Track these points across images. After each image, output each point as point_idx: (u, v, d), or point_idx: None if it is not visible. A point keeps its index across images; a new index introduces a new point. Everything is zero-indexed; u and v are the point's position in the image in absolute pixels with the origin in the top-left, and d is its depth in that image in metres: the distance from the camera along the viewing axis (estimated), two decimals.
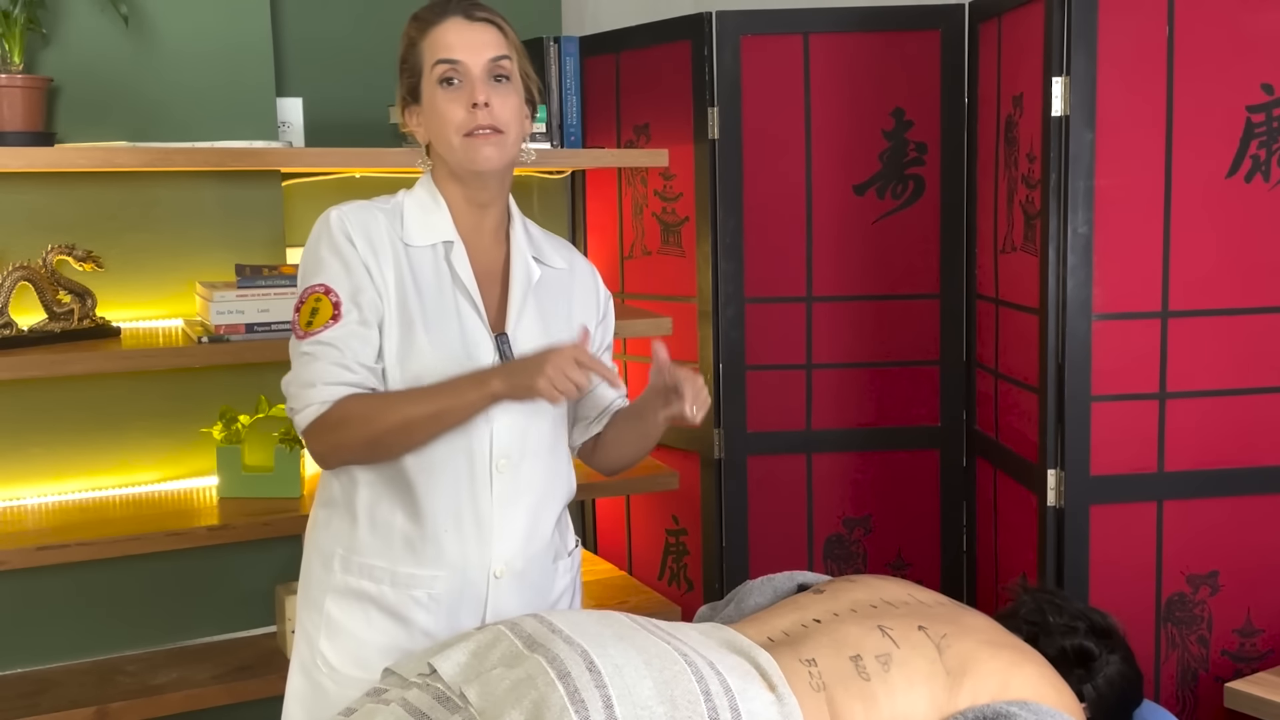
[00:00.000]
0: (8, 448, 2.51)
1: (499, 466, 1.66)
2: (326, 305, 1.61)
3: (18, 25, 2.29)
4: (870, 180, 2.84)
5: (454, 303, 1.66)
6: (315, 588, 1.72)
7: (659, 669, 1.47)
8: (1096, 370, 2.32)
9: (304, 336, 1.61)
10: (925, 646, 1.63)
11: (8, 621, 2.50)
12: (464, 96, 1.62)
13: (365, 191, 2.81)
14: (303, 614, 1.74)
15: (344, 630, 1.68)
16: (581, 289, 1.81)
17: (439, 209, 1.69)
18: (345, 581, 1.68)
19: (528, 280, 1.72)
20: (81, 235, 2.49)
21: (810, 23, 2.80)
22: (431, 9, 1.67)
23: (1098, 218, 2.30)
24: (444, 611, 1.66)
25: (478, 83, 1.62)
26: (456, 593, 1.66)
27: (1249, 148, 2.32)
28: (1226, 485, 2.39)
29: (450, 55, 1.62)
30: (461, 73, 1.62)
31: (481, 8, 1.67)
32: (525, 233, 1.76)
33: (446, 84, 1.63)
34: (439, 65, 1.63)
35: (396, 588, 1.66)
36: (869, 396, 2.90)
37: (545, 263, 1.76)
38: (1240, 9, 2.29)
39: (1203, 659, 2.44)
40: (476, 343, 1.65)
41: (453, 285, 1.67)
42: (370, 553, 1.67)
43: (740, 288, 2.84)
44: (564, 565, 1.80)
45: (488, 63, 1.63)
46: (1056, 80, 2.28)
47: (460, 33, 1.63)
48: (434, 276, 1.66)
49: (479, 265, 1.70)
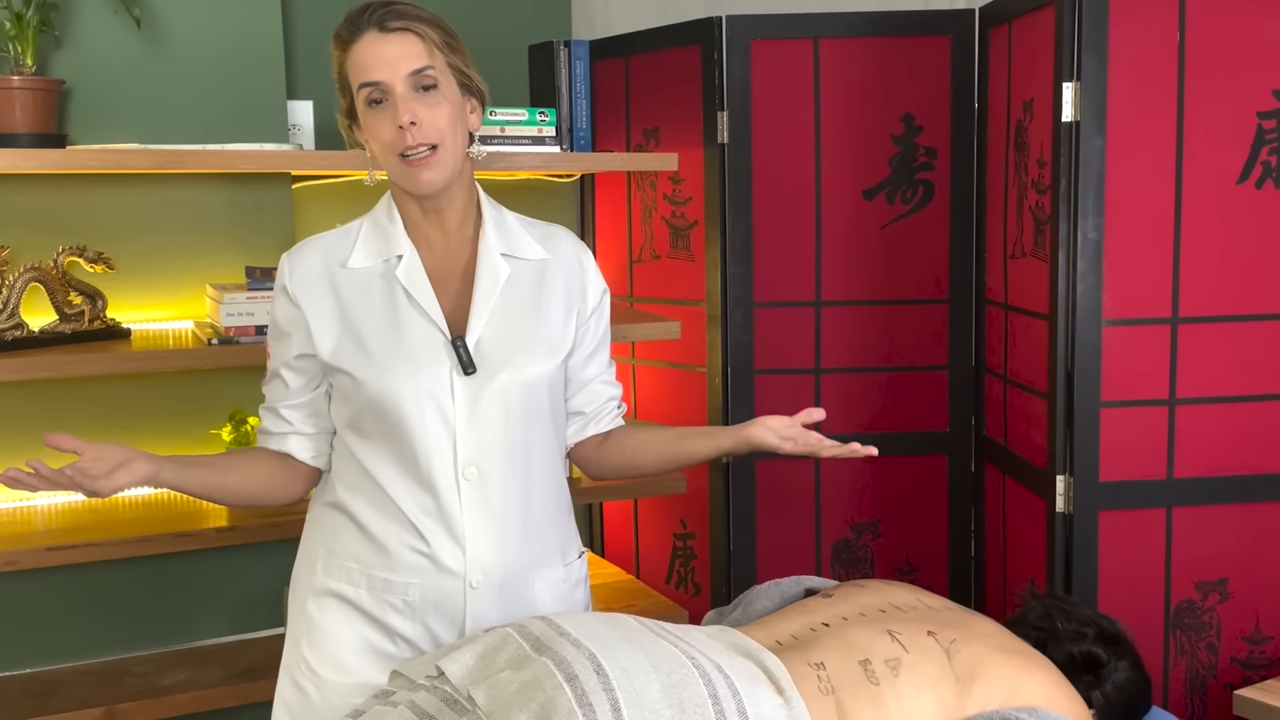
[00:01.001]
0: (18, 448, 2.51)
1: (465, 474, 1.64)
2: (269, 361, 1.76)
3: (30, 27, 2.30)
4: (880, 185, 2.83)
5: (406, 315, 1.65)
6: (300, 589, 1.74)
7: (666, 672, 1.47)
8: (1106, 376, 2.32)
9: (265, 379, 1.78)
10: (934, 651, 1.63)
11: (17, 622, 2.51)
12: (390, 117, 1.60)
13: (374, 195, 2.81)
14: (290, 616, 1.76)
15: (324, 633, 1.68)
16: (564, 276, 1.75)
17: (393, 224, 1.69)
18: (326, 584, 1.69)
19: (494, 280, 1.68)
20: (92, 237, 2.50)
21: (820, 27, 2.80)
22: (348, 24, 1.63)
23: (1108, 223, 2.29)
24: (420, 618, 1.66)
25: (401, 100, 1.59)
26: (432, 600, 1.65)
27: (1260, 154, 2.31)
28: (1236, 492, 2.38)
29: (370, 77, 1.60)
30: (385, 91, 1.60)
31: (396, 13, 1.61)
32: (498, 229, 1.72)
33: (374, 105, 1.61)
34: (363, 89, 1.61)
35: (373, 592, 1.66)
36: (877, 401, 2.89)
37: (518, 256, 1.72)
38: (1251, 15, 2.28)
39: (1211, 666, 2.43)
40: (431, 349, 1.64)
41: (405, 298, 1.65)
42: (348, 556, 1.68)
43: (749, 292, 2.84)
44: (556, 575, 1.74)
45: (408, 76, 1.59)
46: (1067, 86, 2.28)
47: (377, 49, 1.60)
48: (382, 293, 1.66)
49: (442, 270, 1.68)
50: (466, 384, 1.63)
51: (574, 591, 1.78)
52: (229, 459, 1.77)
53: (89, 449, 1.56)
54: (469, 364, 1.63)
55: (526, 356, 1.67)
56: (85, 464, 1.55)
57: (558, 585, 1.75)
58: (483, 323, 1.66)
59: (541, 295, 1.72)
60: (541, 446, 1.71)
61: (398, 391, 1.61)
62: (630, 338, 2.68)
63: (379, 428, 1.64)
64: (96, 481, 1.54)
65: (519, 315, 1.69)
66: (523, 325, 1.69)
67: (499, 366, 1.65)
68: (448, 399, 1.63)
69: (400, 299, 1.65)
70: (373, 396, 1.63)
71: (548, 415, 1.72)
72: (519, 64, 2.95)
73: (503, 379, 1.65)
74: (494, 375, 1.64)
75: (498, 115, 2.65)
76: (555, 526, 1.75)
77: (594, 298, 1.79)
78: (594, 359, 1.81)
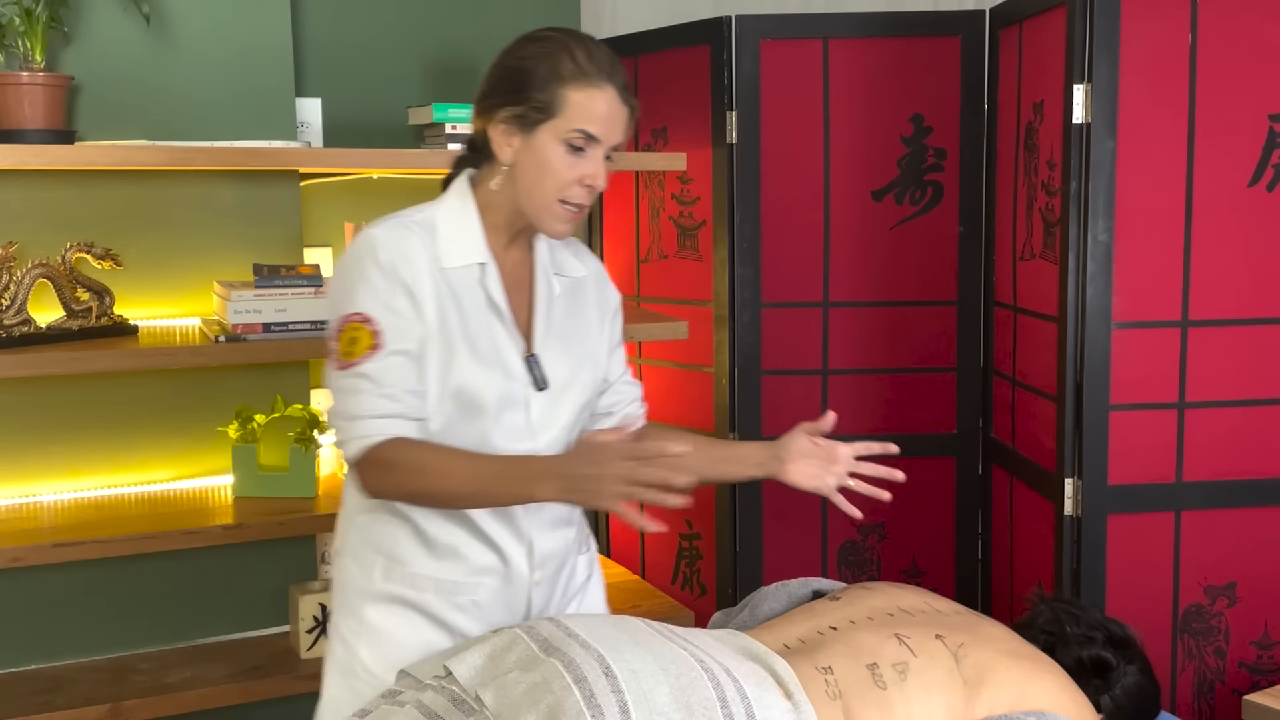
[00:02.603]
0: (25, 445, 2.52)
1: None
2: (365, 335, 1.57)
3: (40, 24, 2.30)
4: (888, 186, 2.83)
5: (489, 324, 1.65)
6: (353, 594, 1.71)
7: (675, 675, 1.47)
8: (1115, 379, 2.31)
9: (344, 368, 1.58)
10: (942, 655, 1.62)
11: (23, 618, 2.51)
12: (584, 170, 1.60)
13: (383, 192, 2.82)
14: (339, 619, 1.72)
15: (386, 637, 1.67)
16: (595, 291, 1.81)
17: (472, 228, 1.66)
18: (387, 589, 1.68)
19: (550, 297, 1.72)
20: (101, 233, 2.49)
21: (830, 28, 2.80)
22: (593, 62, 1.59)
23: (1118, 226, 2.29)
24: (485, 615, 1.68)
25: (600, 163, 1.61)
26: (499, 597, 1.68)
27: (1271, 157, 2.31)
28: (1245, 496, 2.37)
29: (596, 130, 1.59)
30: (594, 146, 1.60)
31: (629, 88, 1.64)
32: (546, 245, 1.75)
33: (573, 149, 1.59)
34: (578, 133, 1.59)
35: (440, 594, 1.67)
36: (885, 403, 2.89)
37: (564, 274, 1.76)
38: (1264, 18, 2.28)
39: (1219, 671, 2.42)
40: (511, 363, 1.65)
41: (487, 307, 1.65)
42: (415, 562, 1.67)
43: (757, 292, 2.84)
44: (585, 560, 1.83)
45: (610, 146, 1.62)
46: (1078, 87, 2.27)
47: (613, 109, 1.60)
48: (470, 298, 1.64)
49: (507, 283, 1.69)
50: (539, 399, 1.67)
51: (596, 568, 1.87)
52: (467, 453, 1.64)
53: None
54: (543, 380, 1.67)
55: (581, 370, 1.73)
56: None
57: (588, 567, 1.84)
58: (545, 340, 1.70)
59: (582, 310, 1.77)
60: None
61: (483, 398, 1.62)
62: (637, 337, 2.68)
63: (453, 432, 1.63)
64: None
65: (570, 330, 1.74)
66: (572, 342, 1.73)
67: (566, 379, 1.70)
68: (523, 410, 1.66)
69: (485, 309, 1.65)
70: (458, 398, 1.62)
71: (588, 420, 1.78)
72: None
73: (567, 392, 1.70)
74: (563, 387, 1.69)
75: None
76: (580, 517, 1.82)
77: (614, 303, 1.84)
78: (614, 359, 1.85)
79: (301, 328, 2.45)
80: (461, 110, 2.61)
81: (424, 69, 2.89)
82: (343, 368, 1.59)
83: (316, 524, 2.52)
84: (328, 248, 2.80)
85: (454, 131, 2.60)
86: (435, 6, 2.88)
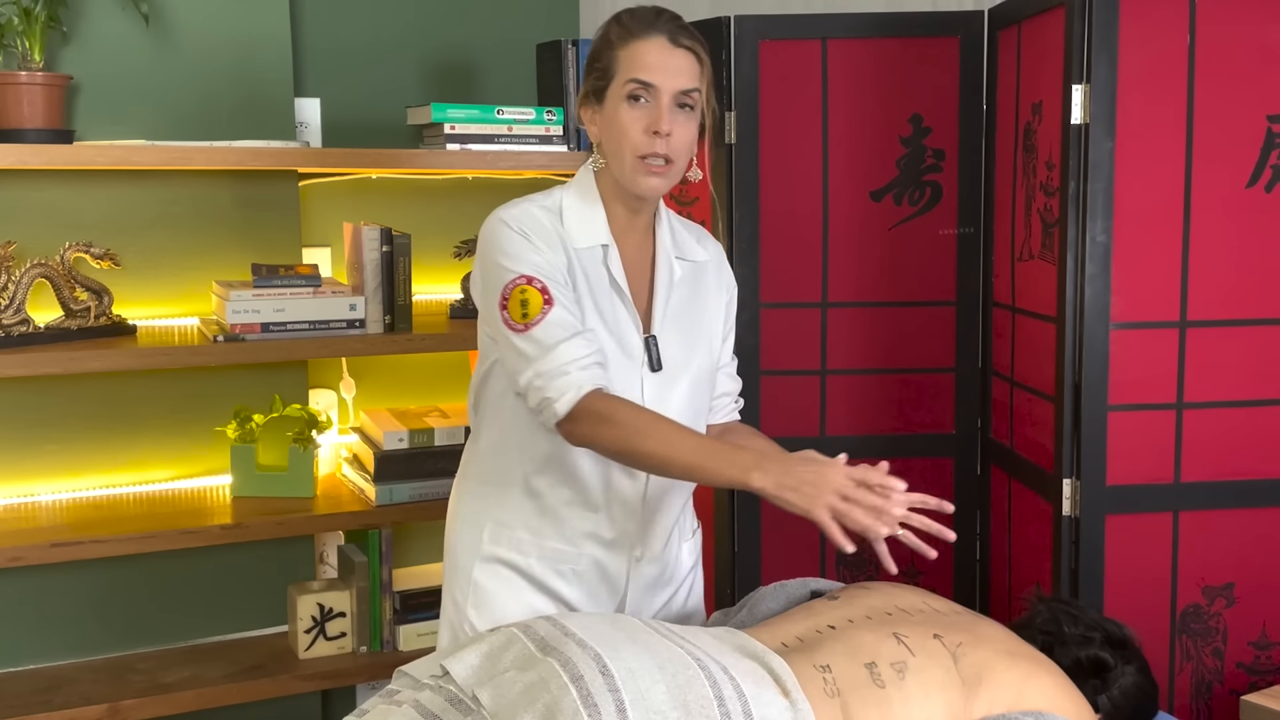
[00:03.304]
0: (23, 444, 2.52)
1: None
2: (534, 294, 1.62)
3: (38, 23, 2.30)
4: (887, 186, 2.83)
5: (611, 304, 1.71)
6: (463, 555, 1.77)
7: (672, 673, 1.47)
8: (1114, 380, 2.31)
9: (526, 329, 1.61)
10: (941, 655, 1.62)
11: (21, 618, 2.51)
12: (648, 119, 1.65)
13: (381, 192, 2.82)
14: (450, 579, 1.80)
15: (492, 599, 1.73)
16: (715, 276, 1.85)
17: (596, 211, 1.73)
18: (494, 552, 1.74)
19: (670, 281, 1.77)
20: (99, 233, 2.50)
21: (829, 28, 2.80)
22: (639, 18, 1.68)
23: (1117, 226, 2.29)
24: (587, 587, 1.73)
25: (664, 110, 1.65)
26: (599, 570, 1.73)
27: (1270, 157, 2.31)
28: (1243, 497, 2.37)
29: (647, 77, 1.64)
30: (652, 95, 1.65)
31: (686, 33, 1.68)
32: (670, 229, 1.80)
33: (634, 100, 1.65)
34: (631, 83, 1.65)
35: (543, 560, 1.72)
36: (884, 403, 2.89)
37: (687, 258, 1.81)
38: (1263, 18, 2.28)
39: (1217, 671, 2.42)
40: (631, 342, 1.71)
41: (610, 287, 1.71)
42: (520, 527, 1.72)
43: (755, 292, 2.84)
44: (689, 547, 1.86)
45: (678, 92, 1.65)
46: (1076, 88, 2.27)
47: (663, 55, 1.65)
48: (597, 277, 1.71)
49: (629, 264, 1.75)
50: (653, 379, 1.72)
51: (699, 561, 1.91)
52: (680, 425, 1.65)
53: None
54: (658, 361, 1.71)
55: (699, 356, 1.77)
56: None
57: (689, 555, 1.89)
58: (664, 322, 1.74)
59: (702, 295, 1.81)
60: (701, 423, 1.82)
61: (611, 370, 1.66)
62: None
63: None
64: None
65: (689, 314, 1.78)
66: (692, 324, 1.78)
67: (680, 366, 1.74)
68: (638, 391, 1.70)
69: (609, 289, 1.71)
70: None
71: (706, 406, 1.83)
72: (526, 63, 2.94)
73: (682, 374, 1.74)
74: (678, 374, 1.74)
75: (505, 114, 2.65)
76: (690, 503, 1.87)
77: (731, 289, 1.90)
78: (725, 346, 1.90)
79: (300, 328, 2.45)
80: (460, 110, 2.61)
81: (423, 69, 2.89)
82: (527, 329, 1.61)
83: (315, 524, 2.52)
84: (326, 248, 2.80)
85: (452, 132, 2.60)
86: (434, 7, 2.89)
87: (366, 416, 2.72)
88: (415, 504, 2.57)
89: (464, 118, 2.61)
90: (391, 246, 2.55)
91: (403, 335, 2.56)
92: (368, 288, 2.54)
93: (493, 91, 2.93)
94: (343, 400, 2.83)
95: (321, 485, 2.67)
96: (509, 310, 1.62)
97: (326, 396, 2.81)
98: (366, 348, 2.51)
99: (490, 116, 2.63)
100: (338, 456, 2.82)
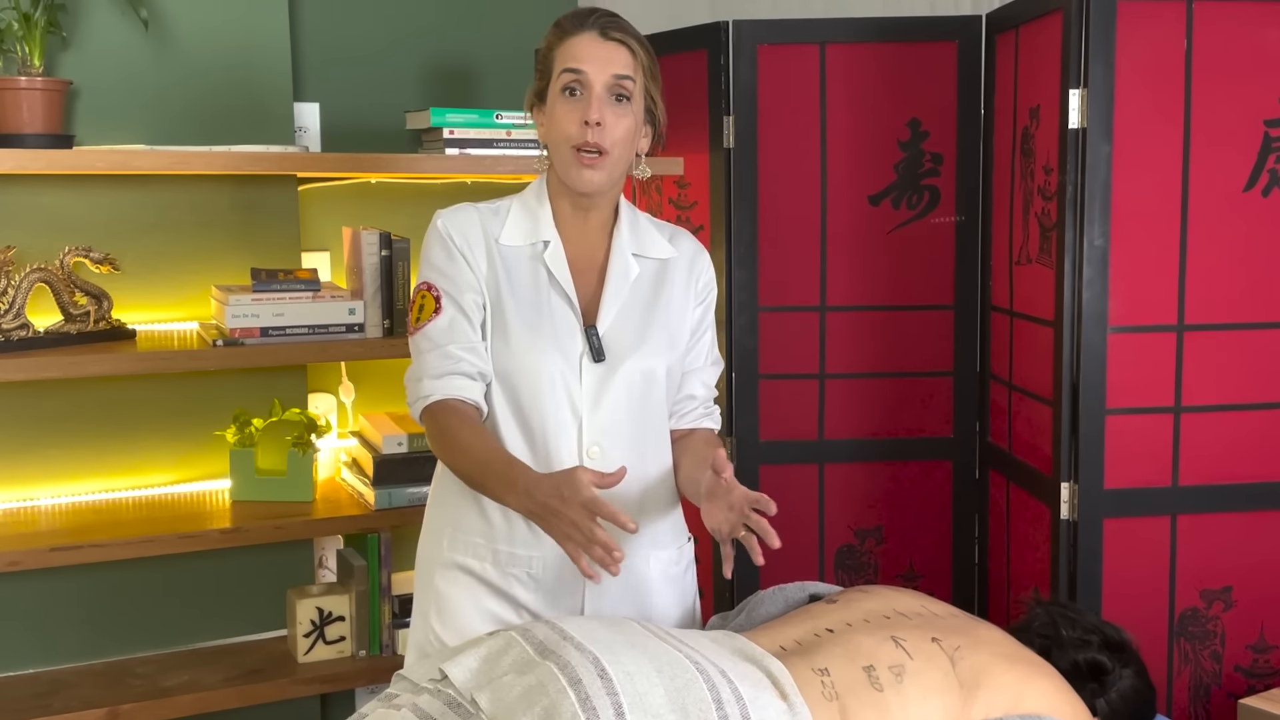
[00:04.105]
0: (22, 449, 2.52)
1: (589, 454, 1.72)
2: (430, 300, 1.73)
3: (38, 28, 2.31)
4: (885, 190, 2.83)
5: (547, 297, 1.74)
6: (425, 563, 1.80)
7: (670, 676, 1.47)
8: (1111, 383, 2.32)
9: (413, 332, 1.74)
10: (939, 658, 1.62)
11: (21, 622, 2.51)
12: (580, 110, 1.69)
13: (380, 197, 2.83)
14: (417, 588, 1.82)
15: (452, 605, 1.74)
16: (684, 271, 1.86)
17: (542, 210, 1.78)
18: (452, 558, 1.75)
19: (624, 277, 1.78)
20: (99, 238, 2.50)
21: (827, 33, 2.80)
22: (573, 19, 1.74)
23: (1114, 230, 2.29)
24: (545, 591, 1.73)
25: (595, 99, 1.68)
26: (555, 574, 1.72)
27: (1267, 161, 2.31)
28: (1241, 500, 2.38)
29: (576, 65, 1.69)
30: (584, 84, 1.69)
31: (618, 27, 1.72)
32: (631, 229, 1.82)
33: (568, 93, 1.70)
34: (564, 74, 1.70)
35: (498, 565, 1.73)
36: (882, 407, 2.89)
37: (647, 255, 1.82)
38: (1259, 24, 2.28)
39: (1216, 675, 2.42)
40: (568, 334, 1.73)
41: (548, 282, 1.75)
42: (474, 531, 1.74)
43: (754, 296, 2.84)
44: (668, 556, 1.83)
45: (610, 79, 1.69)
46: (1074, 92, 2.28)
47: (592, 47, 1.70)
48: (528, 273, 1.75)
49: (580, 261, 1.78)
50: (594, 370, 1.73)
51: (685, 574, 1.89)
52: (488, 439, 1.70)
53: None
54: (599, 351, 1.73)
55: (649, 347, 1.77)
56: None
57: (669, 567, 1.84)
58: (612, 315, 1.76)
59: (663, 290, 1.82)
60: (656, 433, 1.81)
61: (533, 368, 1.71)
62: None
63: (506, 400, 1.72)
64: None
65: (644, 309, 1.79)
66: (646, 318, 1.79)
67: (624, 355, 1.75)
68: (576, 382, 1.72)
69: (544, 282, 1.75)
70: (509, 369, 1.72)
71: (663, 404, 1.82)
72: (525, 68, 2.95)
73: (627, 367, 1.75)
74: (620, 363, 1.74)
75: (504, 118, 2.66)
76: (667, 510, 1.84)
77: (705, 288, 1.88)
78: (697, 347, 1.88)
79: (299, 332, 2.45)
80: (458, 115, 2.62)
81: (421, 74, 2.89)
82: (412, 333, 1.75)
83: (314, 528, 2.52)
84: (325, 252, 2.80)
85: (451, 136, 2.61)
86: (433, 12, 2.89)
87: (365, 420, 2.73)
88: (414, 508, 2.57)
89: (463, 122, 2.62)
90: (390, 251, 2.56)
91: (402, 339, 2.56)
92: (367, 292, 2.54)
93: (491, 96, 2.94)
94: (342, 404, 2.84)
95: (320, 489, 2.67)
96: (410, 312, 1.76)
97: (325, 401, 2.81)
98: (365, 352, 2.51)
99: (489, 121, 2.63)
100: (337, 460, 2.82)
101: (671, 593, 1.85)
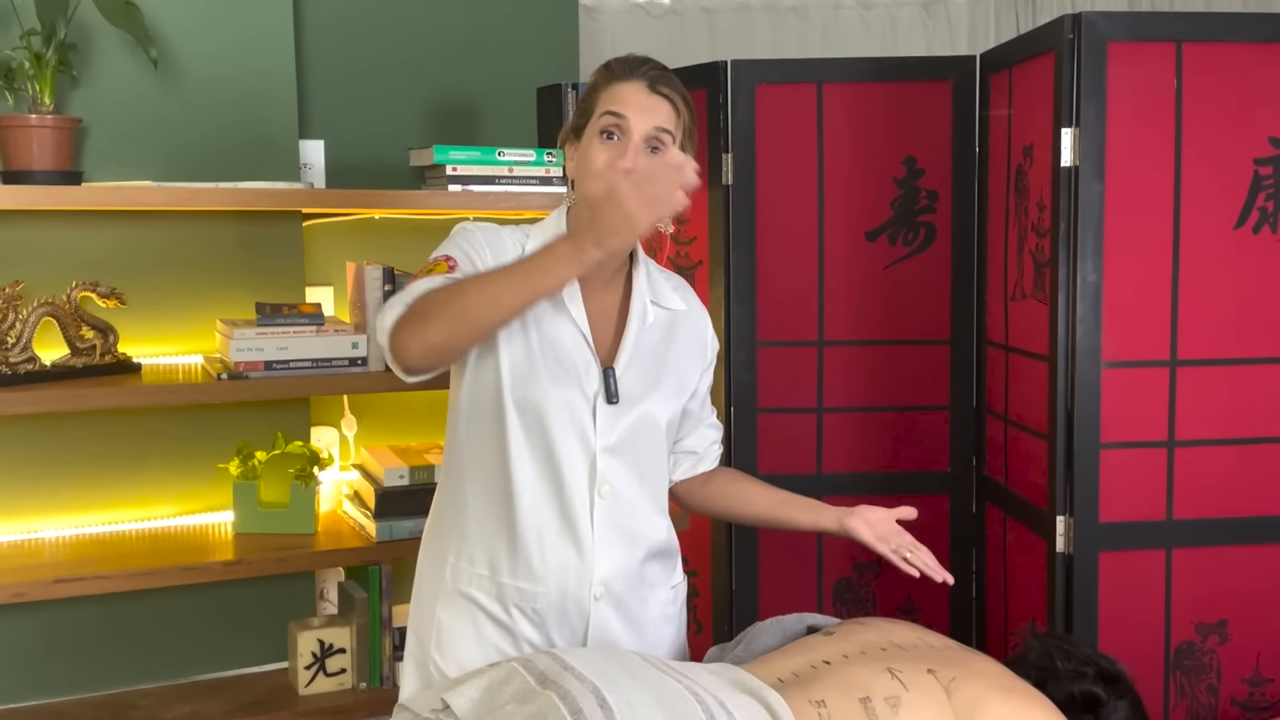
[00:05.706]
0: (28, 481, 2.54)
1: (600, 493, 1.72)
2: (443, 265, 1.68)
3: (49, 67, 2.34)
4: (882, 227, 2.87)
5: (565, 335, 1.74)
6: (427, 593, 1.79)
7: (670, 707, 1.48)
8: (1106, 418, 2.34)
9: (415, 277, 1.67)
10: (934, 690, 1.64)
11: (24, 654, 2.52)
12: (615, 155, 1.69)
13: (384, 233, 2.86)
14: (415, 616, 1.81)
15: (453, 637, 1.74)
16: (690, 331, 1.88)
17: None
18: (455, 588, 1.75)
19: (642, 322, 1.80)
20: (106, 272, 2.53)
21: (824, 72, 2.84)
22: (624, 64, 1.75)
23: (1107, 266, 2.32)
24: (546, 626, 1.73)
25: (632, 147, 1.69)
26: (558, 609, 1.72)
27: (1256, 199, 2.35)
28: (1236, 534, 2.40)
29: (619, 110, 1.70)
30: (624, 130, 1.70)
31: (667, 83, 1.73)
32: (647, 275, 1.84)
33: (606, 136, 1.71)
34: (606, 116, 1.71)
35: (502, 600, 1.72)
36: (880, 441, 2.91)
37: (662, 305, 1.84)
38: (1248, 64, 2.32)
39: (1211, 708, 2.43)
40: (585, 370, 1.73)
41: (569, 322, 1.74)
42: (479, 563, 1.74)
43: (753, 331, 2.87)
44: (664, 596, 1.84)
45: (650, 130, 1.70)
46: (1066, 131, 2.32)
47: (638, 96, 1.71)
48: (548, 309, 1.73)
49: (595, 302, 1.78)
50: (608, 411, 1.74)
51: (680, 614, 1.90)
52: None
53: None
54: (614, 394, 1.73)
55: (660, 393, 1.79)
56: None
57: (665, 606, 1.85)
58: (628, 358, 1.77)
59: (674, 342, 1.84)
60: (657, 478, 1.83)
61: (550, 402, 1.70)
62: None
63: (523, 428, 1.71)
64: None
65: (656, 356, 1.81)
66: (659, 365, 1.81)
67: (637, 399, 1.76)
68: (589, 421, 1.72)
69: (564, 321, 1.74)
70: (533, 398, 1.70)
71: (665, 449, 1.85)
72: (527, 106, 2.99)
73: (640, 411, 1.76)
74: (633, 406, 1.75)
75: (506, 155, 2.69)
76: (664, 551, 1.85)
77: (712, 351, 1.93)
78: (705, 404, 1.95)
79: (303, 365, 2.48)
80: (462, 152, 2.65)
81: (425, 112, 2.93)
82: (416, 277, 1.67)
83: (316, 560, 2.54)
84: (329, 287, 2.83)
85: (454, 173, 2.64)
86: (437, 50, 2.93)
87: (367, 453, 2.74)
88: (415, 540, 2.57)
89: (466, 159, 2.65)
90: (394, 286, 2.58)
91: None
92: (370, 326, 2.57)
93: (494, 134, 2.98)
94: (344, 437, 2.85)
95: (322, 522, 2.68)
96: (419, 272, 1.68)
97: (328, 434, 2.83)
98: (368, 385, 2.54)
99: (491, 158, 2.67)
100: (339, 493, 2.84)
101: (667, 629, 1.87)
